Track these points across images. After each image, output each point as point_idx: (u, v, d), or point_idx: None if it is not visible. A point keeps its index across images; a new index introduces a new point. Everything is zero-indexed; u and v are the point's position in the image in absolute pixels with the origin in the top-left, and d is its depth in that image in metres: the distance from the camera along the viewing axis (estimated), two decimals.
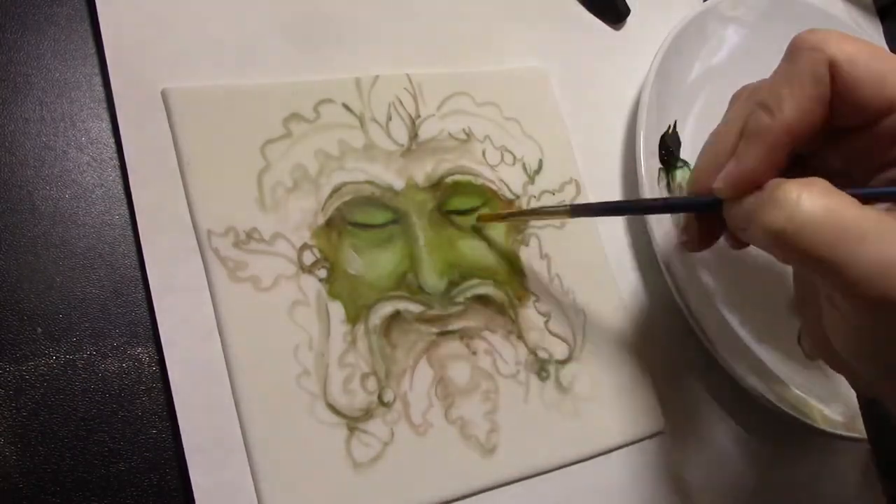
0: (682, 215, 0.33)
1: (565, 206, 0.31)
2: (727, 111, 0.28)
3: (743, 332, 0.37)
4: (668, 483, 0.34)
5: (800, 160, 0.27)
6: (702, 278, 0.37)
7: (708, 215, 0.28)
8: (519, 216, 0.34)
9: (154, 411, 0.27)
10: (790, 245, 0.22)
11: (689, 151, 0.40)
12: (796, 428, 0.35)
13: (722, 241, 0.31)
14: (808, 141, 0.25)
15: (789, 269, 0.33)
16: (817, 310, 0.25)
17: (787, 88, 0.24)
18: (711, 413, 0.36)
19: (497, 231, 0.34)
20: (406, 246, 0.32)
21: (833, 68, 0.23)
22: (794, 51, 0.24)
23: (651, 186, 0.36)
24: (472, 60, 0.37)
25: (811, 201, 0.21)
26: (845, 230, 0.21)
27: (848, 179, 0.25)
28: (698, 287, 0.36)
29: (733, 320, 0.37)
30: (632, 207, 0.35)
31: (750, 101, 0.26)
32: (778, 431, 0.37)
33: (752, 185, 0.24)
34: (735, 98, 0.28)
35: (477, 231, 0.34)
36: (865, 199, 0.23)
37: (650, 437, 0.34)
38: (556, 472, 0.31)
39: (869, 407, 0.28)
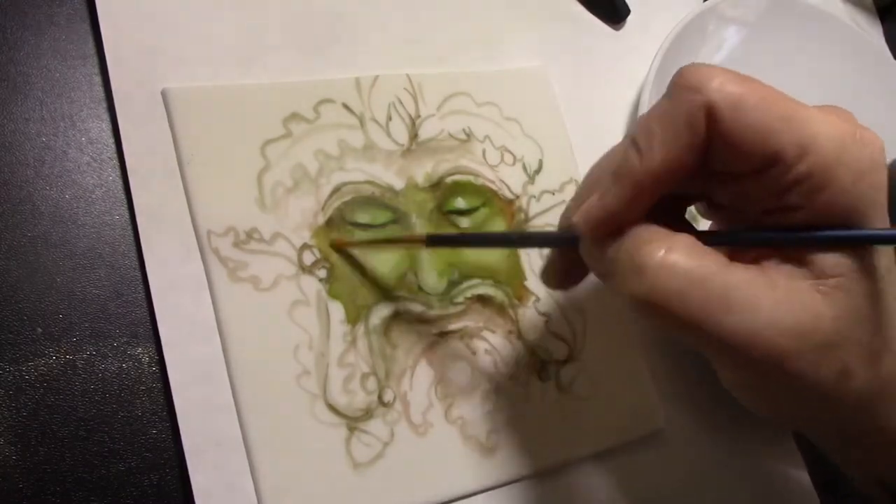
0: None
1: (421, 234, 0.28)
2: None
3: None
4: (669, 482, 0.34)
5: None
6: None
7: (574, 251, 0.25)
8: (373, 245, 0.31)
9: (154, 411, 0.27)
10: (653, 315, 0.21)
11: None
12: None
13: None
14: (682, 183, 0.22)
15: None
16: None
17: (660, 130, 0.21)
18: (712, 412, 0.36)
19: (497, 231, 0.34)
20: (406, 246, 0.32)
21: (711, 115, 0.20)
22: (674, 89, 0.21)
23: None
24: (472, 60, 0.37)
25: (673, 268, 0.20)
26: (709, 300, 0.20)
27: (736, 213, 0.23)
28: None
29: None
30: (489, 239, 0.32)
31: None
32: (778, 431, 0.37)
33: (613, 226, 0.22)
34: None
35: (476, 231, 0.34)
36: (739, 244, 0.22)
37: (650, 436, 0.34)
38: (556, 472, 0.32)
39: (798, 434, 0.28)
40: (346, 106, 0.33)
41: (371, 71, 0.34)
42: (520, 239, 0.32)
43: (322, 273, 0.30)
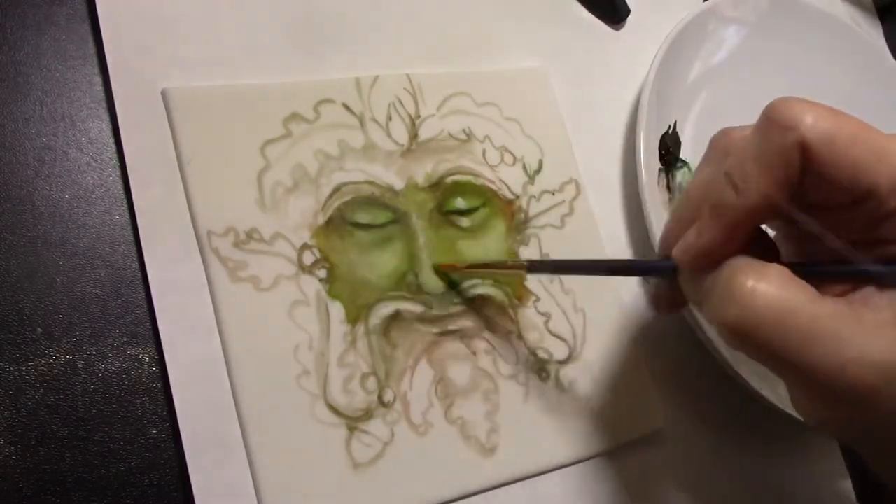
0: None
1: (523, 261, 0.29)
2: (703, 158, 0.26)
3: None
4: (669, 482, 0.34)
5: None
6: None
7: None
8: (479, 269, 0.32)
9: (154, 411, 0.27)
10: (742, 341, 0.21)
11: (690, 151, 0.40)
12: (797, 428, 0.35)
13: None
14: (776, 216, 0.23)
15: None
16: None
17: (755, 167, 0.22)
18: (712, 412, 0.36)
19: (497, 231, 0.34)
20: (406, 246, 0.32)
21: (805, 152, 0.21)
22: (767, 124, 0.22)
23: (651, 186, 0.36)
24: (472, 60, 0.37)
25: (764, 298, 0.21)
26: (798, 331, 0.20)
27: (819, 241, 0.24)
28: None
29: None
30: (591, 267, 0.33)
31: (722, 164, 0.24)
32: (779, 431, 0.37)
33: (712, 259, 0.23)
34: (713, 145, 0.25)
35: (476, 231, 0.34)
36: (826, 278, 0.22)
37: (650, 436, 0.34)
38: (556, 472, 0.32)
39: (849, 451, 0.28)
40: (346, 106, 0.33)
41: (371, 71, 0.34)
42: (620, 267, 0.32)
43: (322, 273, 0.30)
